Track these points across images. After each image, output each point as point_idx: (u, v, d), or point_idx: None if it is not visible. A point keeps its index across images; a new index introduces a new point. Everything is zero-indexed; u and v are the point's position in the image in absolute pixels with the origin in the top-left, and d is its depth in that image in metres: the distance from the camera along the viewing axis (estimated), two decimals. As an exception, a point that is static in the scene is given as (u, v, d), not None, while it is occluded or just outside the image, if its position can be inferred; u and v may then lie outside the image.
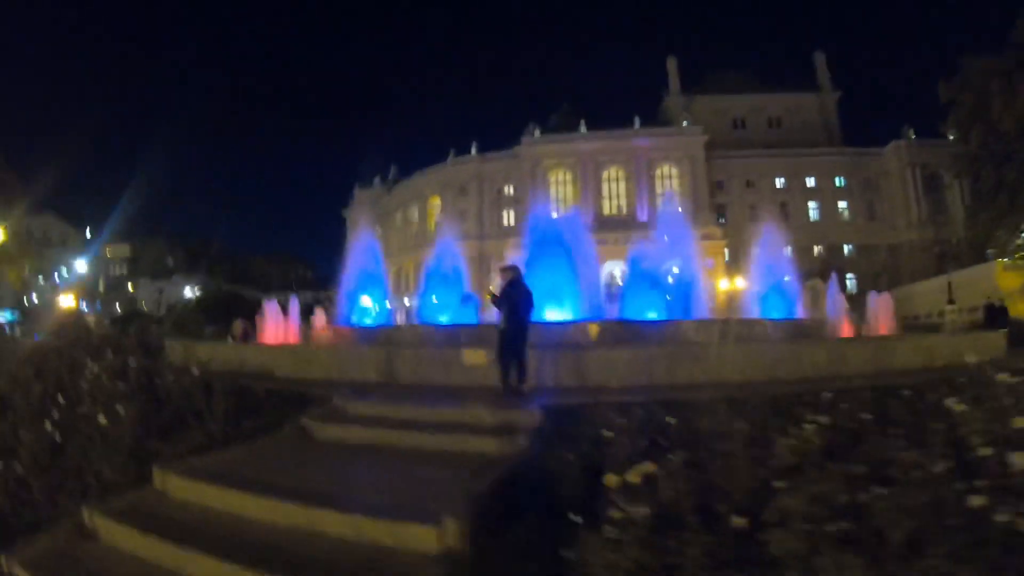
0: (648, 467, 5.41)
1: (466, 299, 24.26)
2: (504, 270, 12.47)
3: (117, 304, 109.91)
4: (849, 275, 79.83)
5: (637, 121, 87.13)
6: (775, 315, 24.22)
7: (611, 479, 5.35)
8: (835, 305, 25.39)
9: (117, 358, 11.99)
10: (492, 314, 24.24)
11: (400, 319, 31.21)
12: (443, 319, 24.24)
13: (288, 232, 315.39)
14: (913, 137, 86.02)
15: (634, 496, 5.09)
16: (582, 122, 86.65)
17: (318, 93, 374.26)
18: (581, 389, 12.63)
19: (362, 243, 28.90)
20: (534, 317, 13.51)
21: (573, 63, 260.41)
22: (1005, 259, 53.30)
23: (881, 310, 26.16)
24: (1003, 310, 33.52)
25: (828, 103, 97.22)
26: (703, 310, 24.59)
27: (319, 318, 26.98)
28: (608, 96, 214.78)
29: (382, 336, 20.47)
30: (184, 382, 9.89)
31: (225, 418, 9.11)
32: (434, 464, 7.89)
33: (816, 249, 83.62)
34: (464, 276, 27.71)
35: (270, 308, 25.91)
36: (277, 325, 25.19)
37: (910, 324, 43.15)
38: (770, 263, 28.38)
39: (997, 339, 19.44)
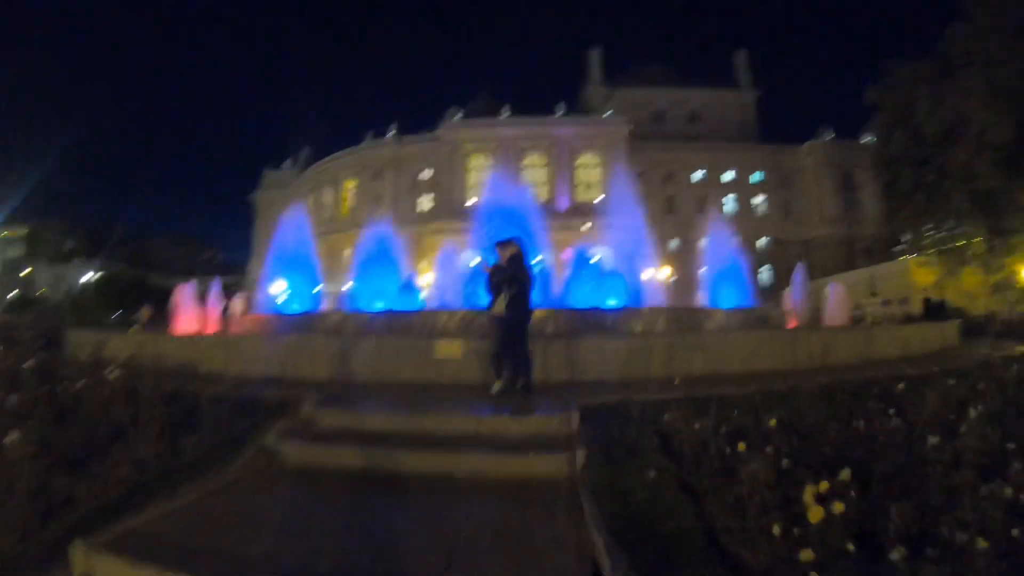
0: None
1: (407, 285, 21.91)
2: (504, 244, 10.19)
3: (15, 289, 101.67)
4: (764, 267, 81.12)
5: (561, 109, 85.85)
6: (725, 304, 22.88)
7: (815, 512, 4.10)
8: (800, 295, 24.23)
9: (8, 356, 9.18)
10: (442, 299, 22.25)
11: (327, 306, 28.47)
12: (379, 306, 22.07)
13: (194, 216, 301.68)
14: (830, 137, 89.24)
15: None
16: (505, 107, 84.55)
17: (227, 72, 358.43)
18: (577, 384, 11.15)
19: (292, 221, 26.11)
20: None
21: (495, 51, 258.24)
22: (917, 256, 56.78)
23: (838, 300, 25.26)
24: (941, 305, 33.67)
25: (747, 100, 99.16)
26: (651, 299, 23.23)
27: (237, 304, 24.11)
28: (529, 85, 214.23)
29: (316, 324, 17.82)
30: (101, 389, 7.30)
31: (159, 438, 6.62)
32: (475, 501, 5.79)
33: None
34: (399, 261, 25.72)
35: (184, 293, 22.41)
36: (193, 312, 21.97)
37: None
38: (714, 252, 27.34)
39: (951, 329, 21.61)
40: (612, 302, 20.71)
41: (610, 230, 28.26)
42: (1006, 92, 39.98)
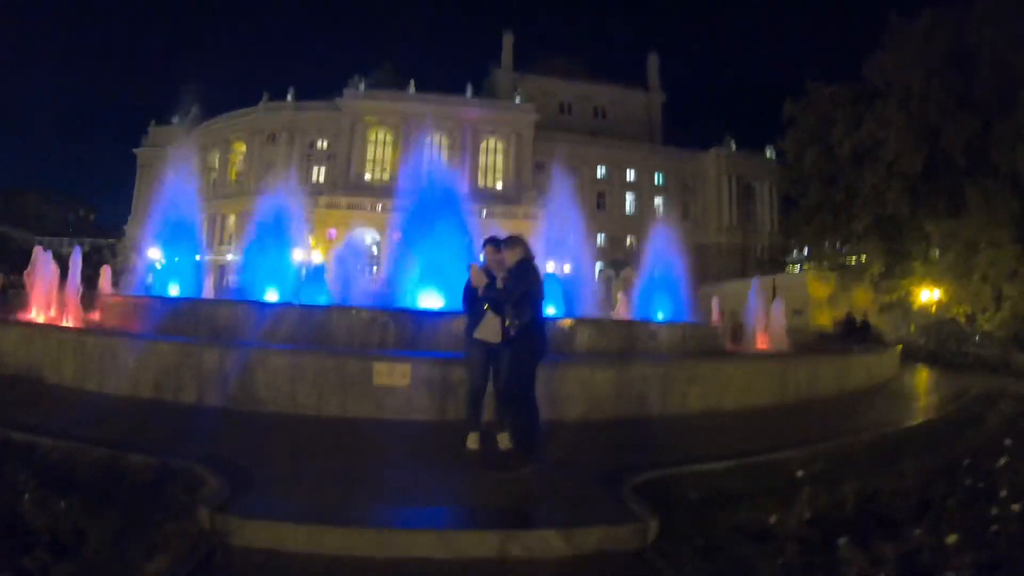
0: None
1: (315, 273, 18.37)
2: (504, 244, 6.97)
3: None
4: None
5: (469, 90, 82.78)
6: (658, 316, 20.46)
7: None
8: (757, 313, 22.15)
9: None
10: (345, 292, 18.78)
11: (210, 286, 24.53)
12: (273, 295, 18.57)
13: (69, 169, 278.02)
14: (733, 147, 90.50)
15: None
16: (411, 82, 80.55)
17: (117, 12, 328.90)
18: (559, 426, 8.64)
19: (175, 182, 22.10)
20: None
21: (405, 21, 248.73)
22: (814, 270, 58.70)
23: (776, 317, 23.37)
24: (866, 325, 32.57)
25: (655, 102, 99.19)
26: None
27: (105, 279, 19.98)
28: (436, 62, 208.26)
29: (201, 319, 14.01)
30: None
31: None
32: None
33: (629, 240, 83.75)
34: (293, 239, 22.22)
35: (42, 260, 17.48)
36: (50, 286, 17.09)
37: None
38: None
39: (896, 356, 20.96)
40: (551, 310, 18.00)
41: (532, 221, 25.36)
42: (921, 124, 40.70)
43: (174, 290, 19.89)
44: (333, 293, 18.27)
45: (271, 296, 18.93)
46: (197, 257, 22.63)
